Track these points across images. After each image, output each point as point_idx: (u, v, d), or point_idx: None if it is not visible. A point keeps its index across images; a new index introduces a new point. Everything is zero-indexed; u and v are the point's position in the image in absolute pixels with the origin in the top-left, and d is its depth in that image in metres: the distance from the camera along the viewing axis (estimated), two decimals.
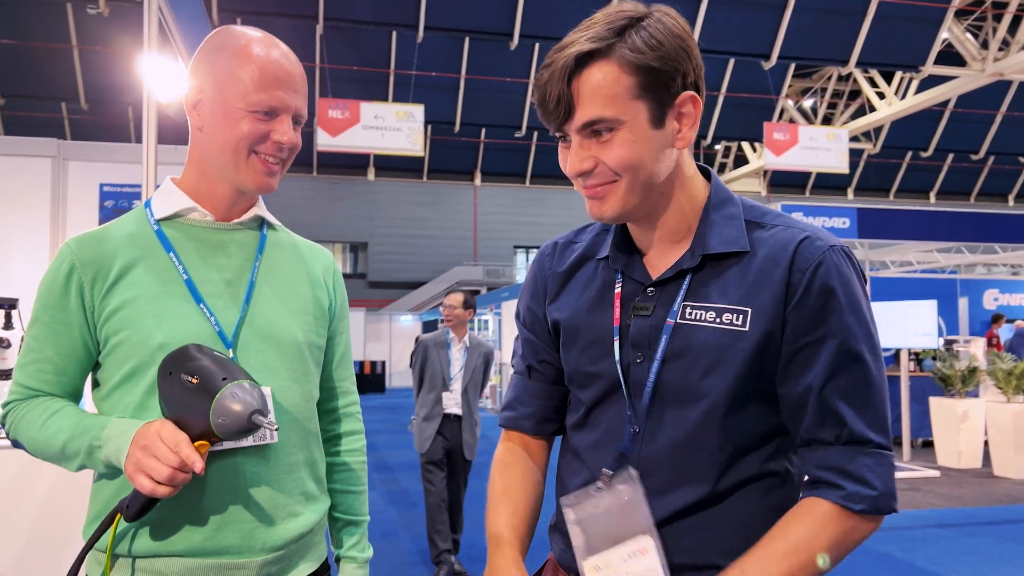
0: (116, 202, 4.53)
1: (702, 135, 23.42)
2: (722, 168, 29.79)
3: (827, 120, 25.53)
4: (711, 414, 1.05)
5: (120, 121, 20.92)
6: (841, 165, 16.67)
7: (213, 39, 1.31)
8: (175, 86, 2.90)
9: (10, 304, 3.64)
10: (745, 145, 27.55)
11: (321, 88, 19.92)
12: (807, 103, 26.06)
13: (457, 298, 4.96)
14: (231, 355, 1.26)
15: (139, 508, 1.14)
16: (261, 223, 1.41)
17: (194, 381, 1.12)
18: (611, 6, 1.05)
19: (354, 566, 1.44)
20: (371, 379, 22.89)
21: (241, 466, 1.25)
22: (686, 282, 1.09)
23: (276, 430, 1.15)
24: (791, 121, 24.27)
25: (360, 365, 22.88)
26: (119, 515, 1.16)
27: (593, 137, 1.03)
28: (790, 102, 24.67)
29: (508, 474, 1.25)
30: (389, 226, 27.13)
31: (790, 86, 24.22)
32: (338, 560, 1.46)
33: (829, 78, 25.08)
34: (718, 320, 1.05)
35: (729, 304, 1.05)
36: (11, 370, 3.51)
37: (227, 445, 1.22)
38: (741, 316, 1.04)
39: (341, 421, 1.50)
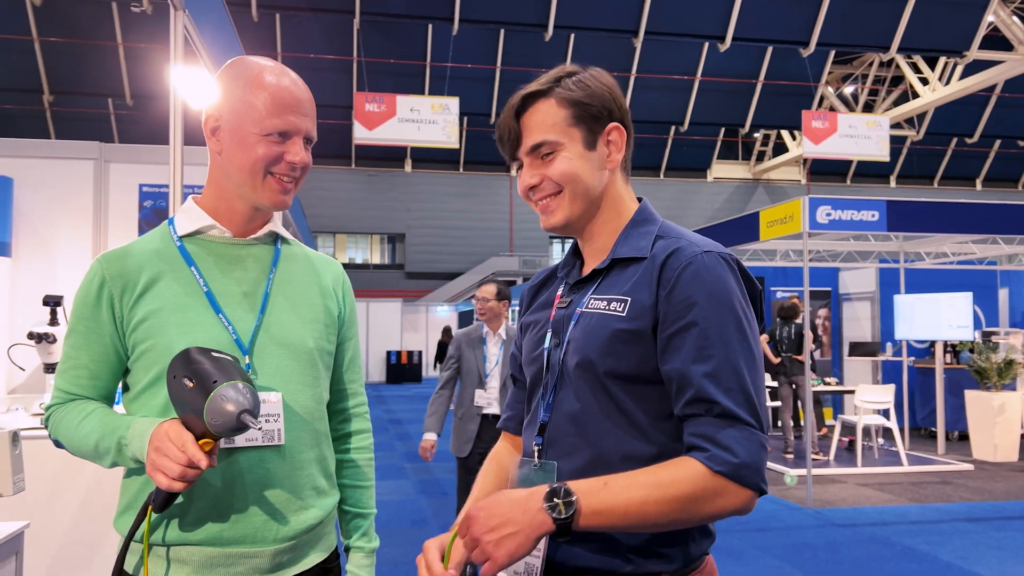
0: (155, 202, 4.72)
1: (739, 123, 23.21)
2: (760, 157, 29.44)
3: (868, 107, 25.06)
4: (596, 386, 1.22)
5: (164, 117, 21.25)
6: (882, 153, 16.39)
7: (228, 69, 1.43)
8: (203, 93, 3.04)
9: (55, 301, 3.84)
10: (784, 133, 27.19)
11: (358, 82, 20.16)
12: (848, 90, 25.60)
13: (490, 290, 4.67)
14: (247, 361, 1.38)
15: (163, 502, 1.27)
16: (275, 238, 1.52)
17: (191, 384, 1.22)
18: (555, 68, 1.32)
19: (362, 555, 1.56)
20: (408, 369, 23.15)
21: (256, 463, 1.36)
22: (598, 280, 1.29)
23: (259, 429, 1.26)
24: (831, 109, 23.89)
25: (397, 355, 23.16)
26: (150, 508, 1.29)
27: (539, 159, 1.28)
28: (830, 89, 24.28)
29: (488, 466, 1.46)
30: (426, 217, 27.35)
31: (830, 73, 23.83)
32: (347, 550, 1.58)
33: (870, 64, 24.59)
34: (607, 308, 1.24)
35: (617, 295, 1.24)
36: (56, 364, 3.71)
37: (240, 442, 1.34)
38: (622, 303, 1.22)
39: (351, 421, 1.61)
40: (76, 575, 2.62)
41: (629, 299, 1.21)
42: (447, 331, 18.22)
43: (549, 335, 1.32)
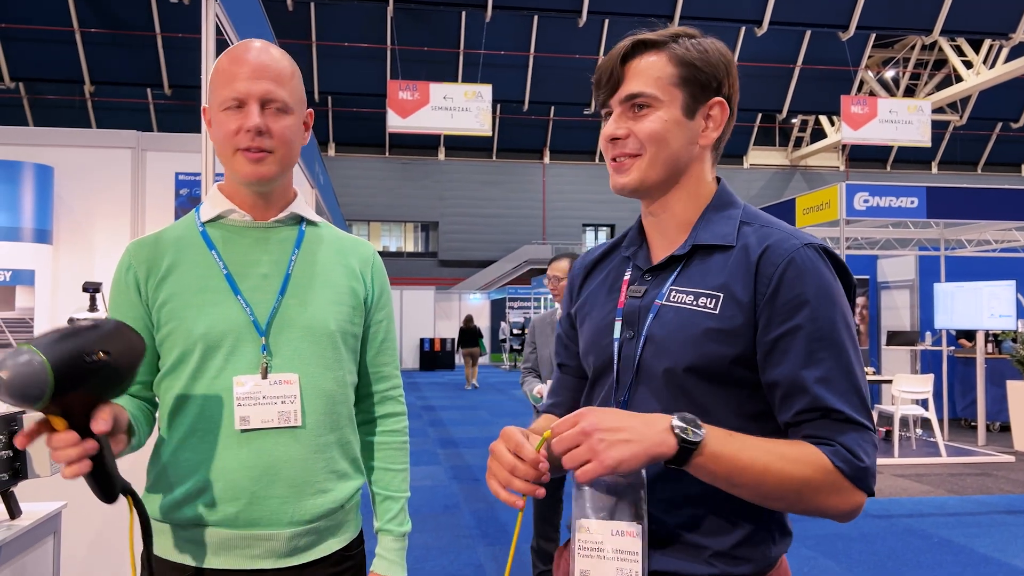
0: (191, 190, 4.78)
1: (777, 109, 22.87)
2: (798, 143, 29.00)
3: (910, 91, 24.53)
4: (681, 387, 1.14)
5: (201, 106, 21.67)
6: (923, 138, 16.06)
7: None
8: None
9: (95, 288, 3.93)
10: (823, 119, 26.74)
11: (392, 70, 20.22)
12: (888, 74, 25.08)
13: (562, 266, 4.03)
14: (263, 342, 1.38)
15: (94, 487, 1.19)
16: (300, 220, 1.52)
17: None
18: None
19: (391, 539, 1.54)
20: (441, 356, 23.30)
21: (272, 445, 1.37)
22: (677, 269, 1.19)
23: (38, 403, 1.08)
24: (871, 93, 23.43)
25: (430, 343, 23.31)
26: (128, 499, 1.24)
27: (631, 111, 1.18)
28: (870, 74, 23.81)
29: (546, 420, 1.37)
30: (459, 205, 27.41)
31: (870, 57, 23.37)
32: (378, 532, 1.56)
33: (912, 47, 24.05)
34: (695, 303, 1.14)
35: (706, 289, 1.14)
36: None
37: (255, 423, 1.35)
38: (713, 300, 1.13)
39: (383, 404, 1.59)
40: (114, 556, 2.68)
41: (721, 296, 1.13)
42: (469, 319, 18.08)
43: (619, 325, 1.22)
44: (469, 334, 17.75)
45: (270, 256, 1.45)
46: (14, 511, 1.72)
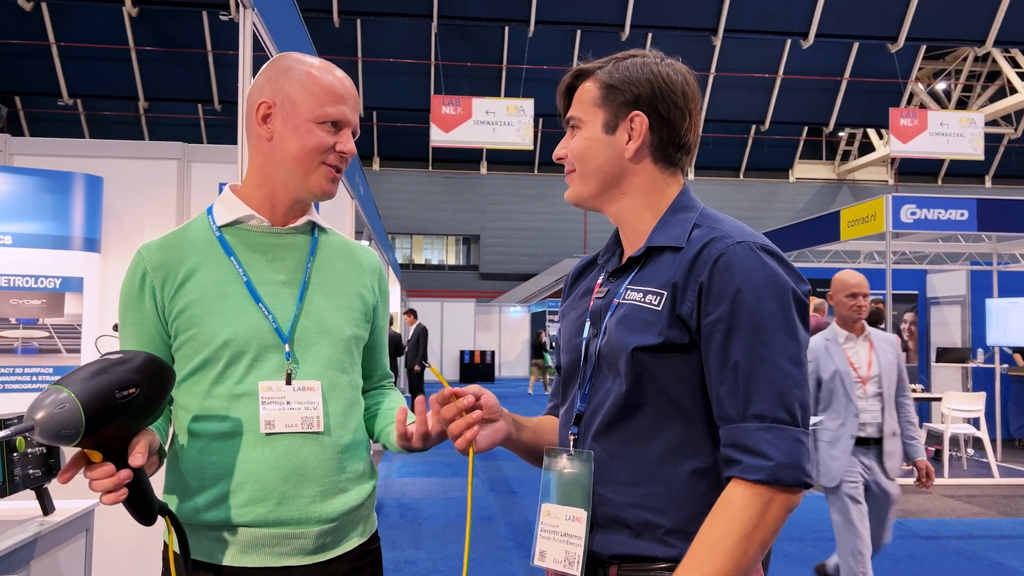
0: None
1: (823, 122, 22.54)
2: (846, 156, 28.51)
3: (962, 104, 23.98)
4: (629, 378, 1.20)
5: None
6: (976, 152, 15.64)
7: (278, 63, 1.47)
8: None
9: None
10: (871, 132, 26.27)
11: (436, 85, 20.42)
12: (940, 86, 24.55)
13: None
14: (287, 349, 1.42)
15: (133, 511, 1.25)
16: (312, 227, 1.55)
17: None
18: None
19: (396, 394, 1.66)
20: (481, 368, 23.36)
21: (297, 448, 1.40)
22: (635, 270, 1.28)
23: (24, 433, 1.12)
24: (922, 106, 22.95)
25: (470, 355, 23.39)
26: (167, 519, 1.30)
27: (571, 132, 1.32)
28: (921, 86, 23.33)
29: (540, 420, 1.49)
30: (500, 219, 27.50)
31: (921, 69, 22.91)
32: (382, 439, 1.57)
33: (964, 59, 23.52)
34: (643, 300, 1.22)
35: (653, 287, 1.22)
36: None
37: (280, 428, 1.38)
38: (658, 297, 1.20)
39: (382, 391, 1.68)
40: (148, 555, 2.73)
41: (665, 293, 1.20)
42: (539, 335, 20.12)
43: (588, 325, 1.32)
44: (536, 348, 20.33)
45: (287, 263, 1.48)
46: (47, 507, 1.76)
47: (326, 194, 1.46)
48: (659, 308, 1.19)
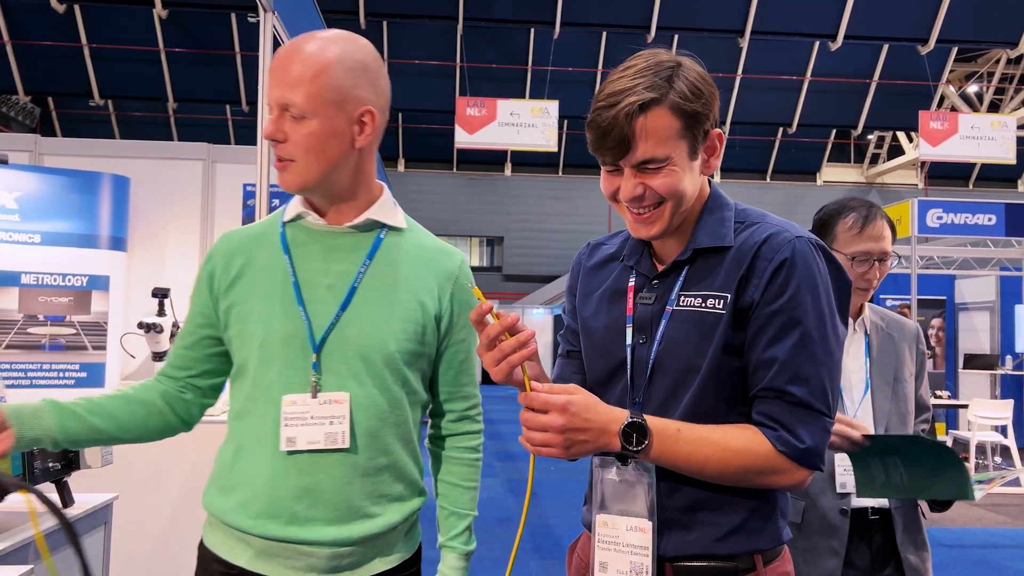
0: None
1: (852, 125, 22.29)
2: (875, 159, 28.17)
3: (994, 107, 23.60)
4: (699, 387, 1.21)
5: None
6: (1007, 155, 15.37)
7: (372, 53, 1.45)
8: None
9: (163, 293, 4.08)
10: (900, 135, 25.93)
11: (460, 87, 20.48)
12: (971, 89, 24.17)
13: None
14: (314, 359, 1.34)
15: None
16: (379, 226, 1.43)
17: None
18: (647, 53, 1.23)
19: (454, 556, 1.48)
20: None
21: (317, 468, 1.33)
22: (683, 274, 1.26)
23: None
24: (953, 109, 22.61)
25: None
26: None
27: (643, 169, 1.19)
28: (952, 88, 23.00)
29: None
30: (524, 220, 27.50)
31: (952, 71, 22.57)
32: (441, 548, 1.51)
33: (997, 61, 23.15)
34: (704, 305, 1.22)
35: (712, 291, 1.22)
36: (164, 352, 3.95)
37: (301, 445, 1.33)
38: (721, 300, 1.21)
39: (460, 422, 1.53)
40: (168, 551, 2.77)
41: (728, 295, 1.20)
42: None
43: (631, 331, 1.28)
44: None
45: (338, 266, 1.39)
46: (67, 500, 1.79)
47: (280, 187, 1.37)
48: (723, 311, 1.20)
